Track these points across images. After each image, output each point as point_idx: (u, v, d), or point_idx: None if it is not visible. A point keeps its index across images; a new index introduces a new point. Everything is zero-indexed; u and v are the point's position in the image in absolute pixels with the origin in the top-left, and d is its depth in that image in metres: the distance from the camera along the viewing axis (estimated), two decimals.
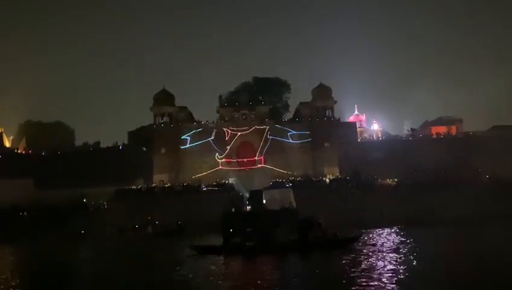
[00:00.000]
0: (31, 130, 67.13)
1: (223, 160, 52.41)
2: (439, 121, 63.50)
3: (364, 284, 12.09)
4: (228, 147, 52.96)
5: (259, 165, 51.71)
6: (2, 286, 14.16)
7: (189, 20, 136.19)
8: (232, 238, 19.72)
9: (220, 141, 53.32)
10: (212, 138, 53.08)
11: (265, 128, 53.58)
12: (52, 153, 55.74)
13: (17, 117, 70.84)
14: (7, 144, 64.09)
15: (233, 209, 31.02)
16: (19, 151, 59.37)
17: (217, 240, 20.63)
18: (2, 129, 66.27)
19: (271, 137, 53.13)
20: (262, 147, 52.97)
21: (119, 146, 57.27)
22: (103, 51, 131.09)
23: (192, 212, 37.12)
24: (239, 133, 53.42)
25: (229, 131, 53.29)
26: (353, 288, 11.83)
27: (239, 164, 52.31)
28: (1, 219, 36.89)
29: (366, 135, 63.05)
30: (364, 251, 18.62)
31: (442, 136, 58.04)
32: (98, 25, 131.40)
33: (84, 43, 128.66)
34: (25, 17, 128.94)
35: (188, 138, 52.96)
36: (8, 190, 43.97)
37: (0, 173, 47.26)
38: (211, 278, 13.66)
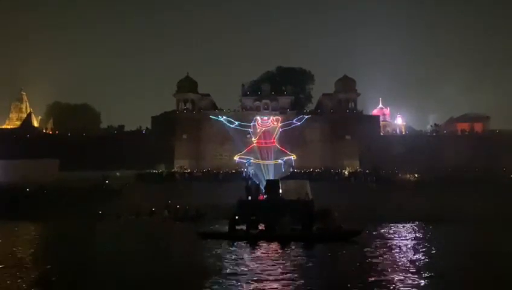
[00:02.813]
0: (59, 112, 69.10)
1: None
2: (465, 118, 62.19)
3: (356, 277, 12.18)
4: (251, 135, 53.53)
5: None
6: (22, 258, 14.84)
7: (216, 9, 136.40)
8: (238, 225, 20.09)
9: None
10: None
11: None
12: (77, 134, 57.19)
13: (46, 98, 73.18)
14: (35, 124, 66.15)
15: (249, 198, 31.42)
16: (46, 132, 61.19)
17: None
18: (31, 109, 68.40)
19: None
20: (276, 135, 53.01)
21: (142, 130, 58.44)
22: (130, 38, 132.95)
23: (211, 198, 37.45)
24: (263, 128, 53.70)
25: (259, 126, 53.38)
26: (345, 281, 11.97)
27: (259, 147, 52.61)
28: (26, 198, 38.16)
29: (389, 129, 62.34)
30: (368, 244, 18.57)
31: (467, 133, 56.88)
32: (126, 12, 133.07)
33: (113, 30, 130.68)
34: (57, 2, 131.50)
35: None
36: (35, 170, 45.42)
37: (27, 152, 48.95)
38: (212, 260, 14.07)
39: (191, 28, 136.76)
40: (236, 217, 20.34)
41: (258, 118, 53.84)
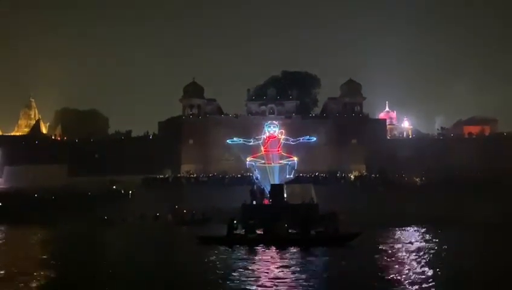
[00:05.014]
0: (67, 118, 69.73)
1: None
2: (472, 121, 61.94)
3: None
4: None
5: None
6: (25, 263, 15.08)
7: (221, 14, 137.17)
8: (236, 229, 20.20)
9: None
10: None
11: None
12: (85, 140, 57.74)
13: (54, 104, 73.88)
14: (44, 130, 66.81)
15: (253, 202, 31.48)
16: (54, 138, 61.80)
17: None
18: (40, 116, 69.11)
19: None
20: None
21: (149, 136, 58.86)
22: (137, 44, 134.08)
23: (217, 202, 37.59)
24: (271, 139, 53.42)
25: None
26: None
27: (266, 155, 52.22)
28: (35, 203, 38.57)
29: (396, 132, 62.15)
30: (368, 248, 18.62)
31: (474, 136, 56.58)
32: (132, 18, 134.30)
33: (120, 36, 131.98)
34: (65, 9, 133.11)
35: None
36: (44, 175, 45.98)
37: (36, 158, 49.53)
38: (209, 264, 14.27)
39: (197, 33, 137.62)
40: (235, 221, 20.43)
41: (267, 131, 53.57)
